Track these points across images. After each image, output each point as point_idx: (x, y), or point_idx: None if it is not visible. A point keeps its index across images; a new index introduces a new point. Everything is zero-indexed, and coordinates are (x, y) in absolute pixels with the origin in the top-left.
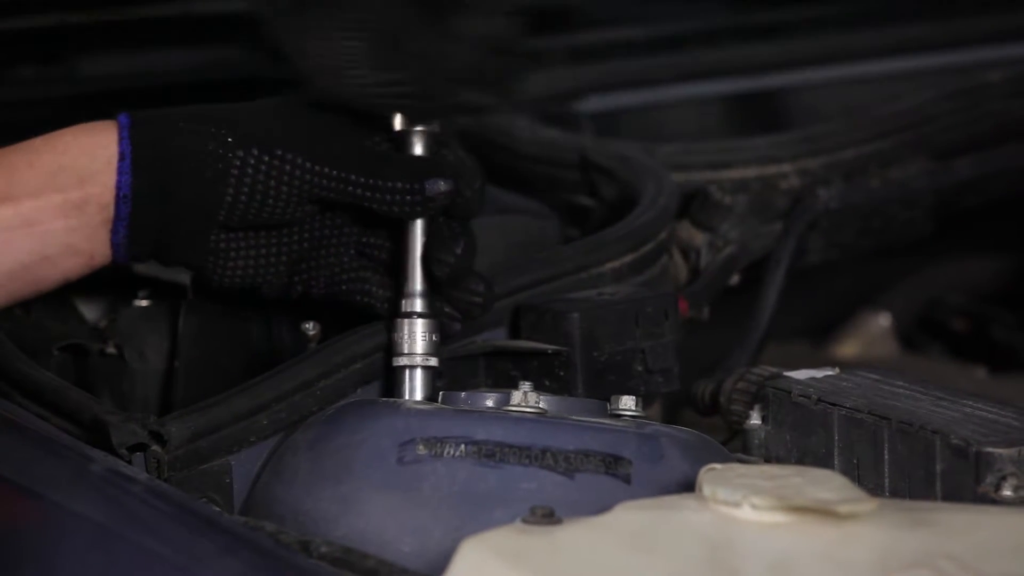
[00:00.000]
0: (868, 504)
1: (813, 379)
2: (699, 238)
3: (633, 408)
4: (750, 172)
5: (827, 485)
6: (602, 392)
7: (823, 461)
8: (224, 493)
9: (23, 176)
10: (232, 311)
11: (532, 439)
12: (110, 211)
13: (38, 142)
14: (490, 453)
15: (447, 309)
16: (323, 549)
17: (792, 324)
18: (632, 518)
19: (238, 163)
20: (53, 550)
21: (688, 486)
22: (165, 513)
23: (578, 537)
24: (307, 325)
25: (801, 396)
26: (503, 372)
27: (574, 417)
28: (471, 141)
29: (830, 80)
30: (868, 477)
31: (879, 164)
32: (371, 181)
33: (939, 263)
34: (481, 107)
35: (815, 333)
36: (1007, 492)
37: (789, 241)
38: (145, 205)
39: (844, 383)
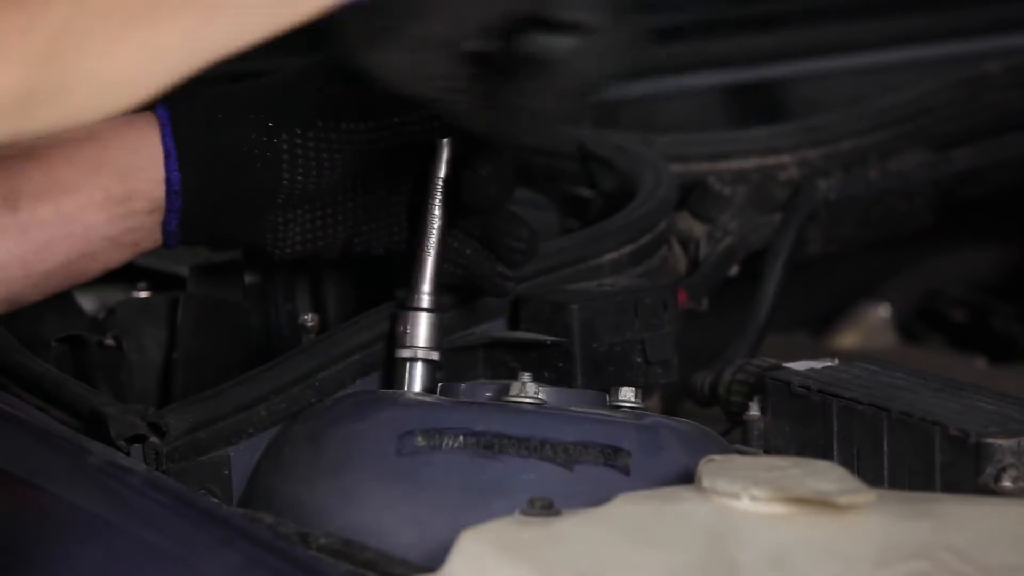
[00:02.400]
0: (867, 495)
1: (812, 370)
2: (698, 229)
3: (632, 399)
4: (749, 163)
5: (826, 476)
6: (601, 383)
7: (822, 452)
8: (223, 485)
9: (61, 173)
10: (231, 303)
11: (531, 430)
12: (159, 204)
13: (75, 137)
14: (489, 444)
15: (500, 269)
16: (322, 541)
17: (791, 315)
18: (631, 510)
19: (286, 147)
20: (51, 542)
21: (687, 477)
22: (163, 505)
23: (577, 529)
24: (306, 317)
25: (800, 387)
26: (502, 363)
27: (573, 408)
28: None
29: (829, 71)
30: (867, 468)
31: (879, 155)
32: (400, 120)
33: (939, 254)
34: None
35: (814, 324)
36: (1007, 483)
37: (788, 232)
38: (198, 198)
39: (843, 374)
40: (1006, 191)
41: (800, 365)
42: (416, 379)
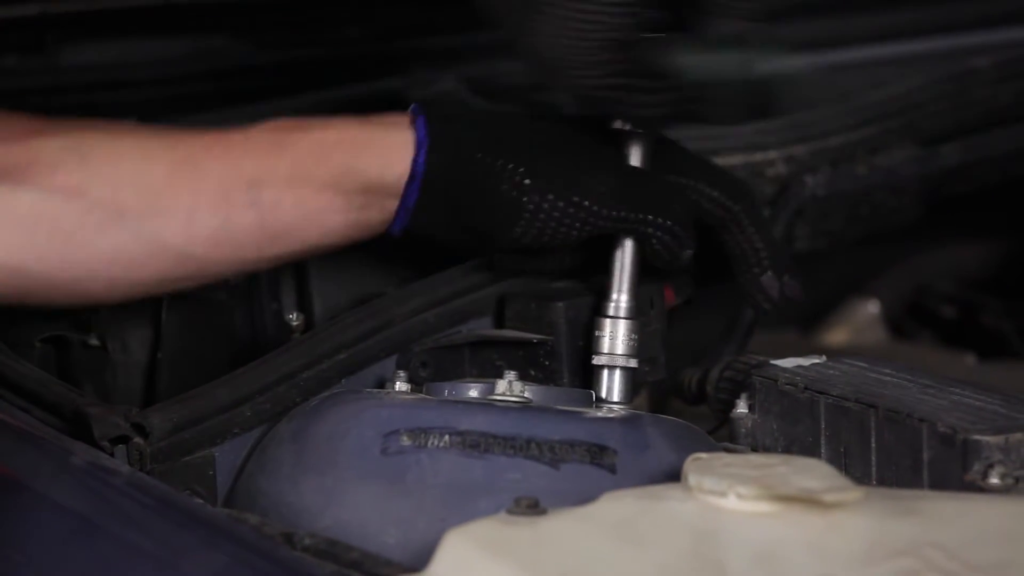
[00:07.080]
0: (855, 493)
1: (800, 367)
2: None
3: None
4: (736, 159)
5: (813, 474)
6: (587, 381)
7: (810, 450)
8: (207, 485)
9: (311, 169)
10: (216, 302)
11: (517, 429)
12: (399, 189)
13: (332, 133)
14: (474, 443)
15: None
16: (307, 541)
17: (780, 312)
18: (617, 508)
19: (531, 207)
20: (34, 543)
21: (674, 475)
22: (147, 506)
23: (563, 528)
24: (291, 315)
25: (788, 384)
26: (488, 362)
27: (559, 407)
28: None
29: (817, 66)
30: (855, 466)
31: (866, 151)
32: (648, 217)
33: (927, 250)
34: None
35: (803, 321)
36: (994, 480)
37: (776, 228)
38: (433, 223)
39: (831, 371)
40: (994, 186)
41: (788, 362)
42: (615, 387)
